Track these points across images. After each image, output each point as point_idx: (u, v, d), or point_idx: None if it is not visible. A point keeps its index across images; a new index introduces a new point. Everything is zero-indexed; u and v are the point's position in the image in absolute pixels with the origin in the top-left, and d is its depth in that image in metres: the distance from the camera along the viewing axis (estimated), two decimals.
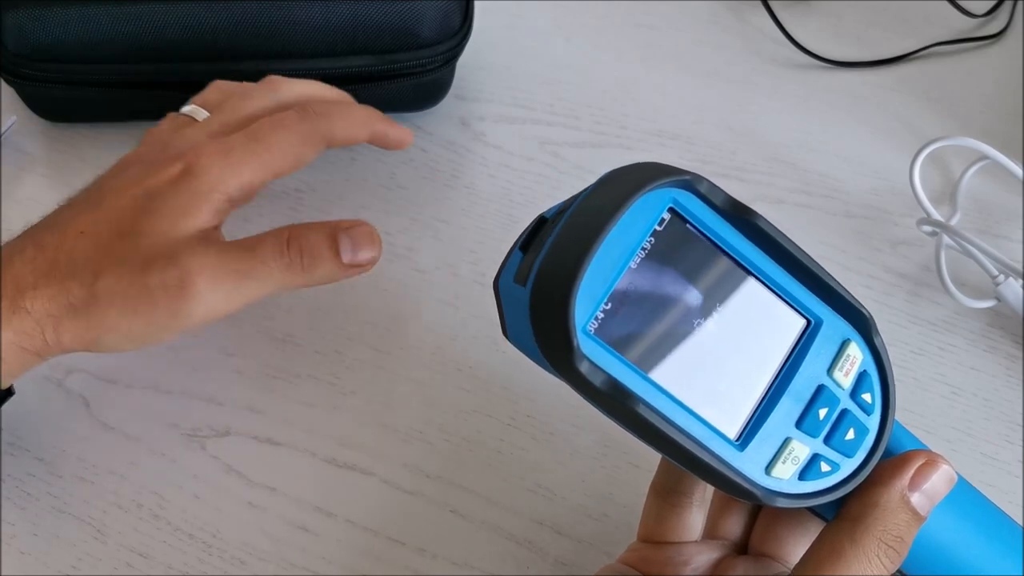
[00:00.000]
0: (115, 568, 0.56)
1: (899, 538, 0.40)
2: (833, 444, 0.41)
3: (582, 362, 0.37)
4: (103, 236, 0.53)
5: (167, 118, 0.62)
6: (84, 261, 0.52)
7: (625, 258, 0.38)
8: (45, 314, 0.52)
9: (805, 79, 0.78)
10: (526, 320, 0.39)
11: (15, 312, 0.51)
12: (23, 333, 0.52)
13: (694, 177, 0.39)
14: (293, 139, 0.58)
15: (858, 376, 0.42)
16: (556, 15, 0.80)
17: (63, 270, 0.52)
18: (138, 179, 0.55)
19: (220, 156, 0.55)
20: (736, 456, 0.40)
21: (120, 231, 0.53)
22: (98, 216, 0.54)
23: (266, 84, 0.62)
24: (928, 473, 0.41)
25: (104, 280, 0.52)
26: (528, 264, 0.39)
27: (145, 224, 0.53)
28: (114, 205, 0.54)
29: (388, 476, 0.59)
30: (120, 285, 0.52)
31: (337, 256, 0.56)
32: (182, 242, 0.53)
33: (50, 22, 0.64)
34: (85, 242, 0.53)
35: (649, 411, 0.38)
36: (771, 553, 0.48)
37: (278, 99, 0.61)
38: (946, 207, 0.70)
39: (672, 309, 0.39)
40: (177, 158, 0.55)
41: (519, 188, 0.71)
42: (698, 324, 0.40)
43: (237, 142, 0.56)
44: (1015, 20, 0.80)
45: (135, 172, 0.56)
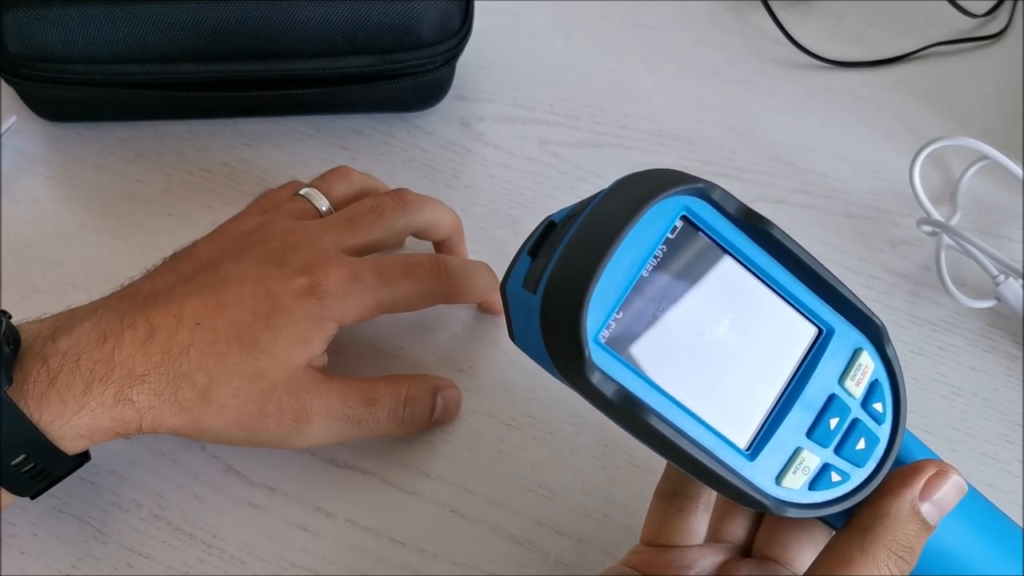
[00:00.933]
0: (115, 568, 0.56)
1: (908, 548, 0.41)
2: (844, 454, 0.41)
3: (593, 373, 0.37)
4: (220, 338, 0.53)
5: (287, 187, 0.64)
6: (199, 361, 0.53)
7: (637, 267, 0.38)
8: (148, 406, 0.52)
9: (805, 79, 0.78)
10: (536, 327, 0.38)
11: (119, 402, 0.51)
12: (122, 420, 0.52)
13: (707, 185, 0.38)
14: (418, 292, 0.59)
15: (869, 385, 0.42)
16: (556, 15, 0.80)
17: (176, 367, 0.52)
18: (260, 276, 0.55)
19: (346, 285, 0.56)
20: (746, 466, 0.40)
21: (240, 339, 0.53)
22: (216, 308, 0.54)
23: (399, 200, 0.61)
24: (939, 483, 0.41)
25: (217, 389, 0.53)
26: (538, 271, 0.39)
27: (265, 340, 0.53)
28: (233, 300, 0.54)
29: (388, 476, 0.59)
30: (234, 400, 0.53)
31: (431, 416, 0.59)
32: (301, 374, 0.55)
33: (50, 22, 0.64)
34: (201, 338, 0.53)
35: (660, 422, 0.38)
36: (775, 557, 0.48)
37: (409, 223, 0.61)
38: (946, 207, 0.70)
39: (683, 318, 0.39)
40: (304, 270, 0.55)
41: (519, 188, 0.71)
42: (709, 333, 0.40)
43: (365, 276, 0.57)
44: (1015, 20, 0.80)
45: (256, 262, 0.56)
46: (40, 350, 0.51)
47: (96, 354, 0.51)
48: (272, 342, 0.54)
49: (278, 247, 0.57)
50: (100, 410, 0.51)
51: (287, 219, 0.60)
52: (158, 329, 0.53)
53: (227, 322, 0.54)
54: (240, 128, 0.72)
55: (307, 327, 0.55)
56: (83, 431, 0.51)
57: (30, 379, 0.50)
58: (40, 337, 0.52)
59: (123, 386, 0.51)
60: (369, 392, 0.57)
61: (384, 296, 0.57)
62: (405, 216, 0.61)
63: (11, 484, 0.51)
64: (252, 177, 0.70)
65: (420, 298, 0.59)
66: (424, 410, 0.58)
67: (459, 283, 0.60)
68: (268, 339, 0.54)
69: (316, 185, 0.63)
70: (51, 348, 0.51)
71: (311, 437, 0.55)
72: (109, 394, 0.51)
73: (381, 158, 0.71)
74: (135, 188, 0.69)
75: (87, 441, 0.52)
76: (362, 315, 0.57)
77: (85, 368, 0.51)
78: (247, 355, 0.53)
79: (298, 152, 0.71)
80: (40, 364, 0.50)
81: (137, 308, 0.54)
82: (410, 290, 0.58)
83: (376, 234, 0.60)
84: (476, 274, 0.62)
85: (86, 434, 0.51)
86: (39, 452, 0.50)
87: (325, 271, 0.55)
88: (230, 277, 0.55)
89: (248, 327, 0.54)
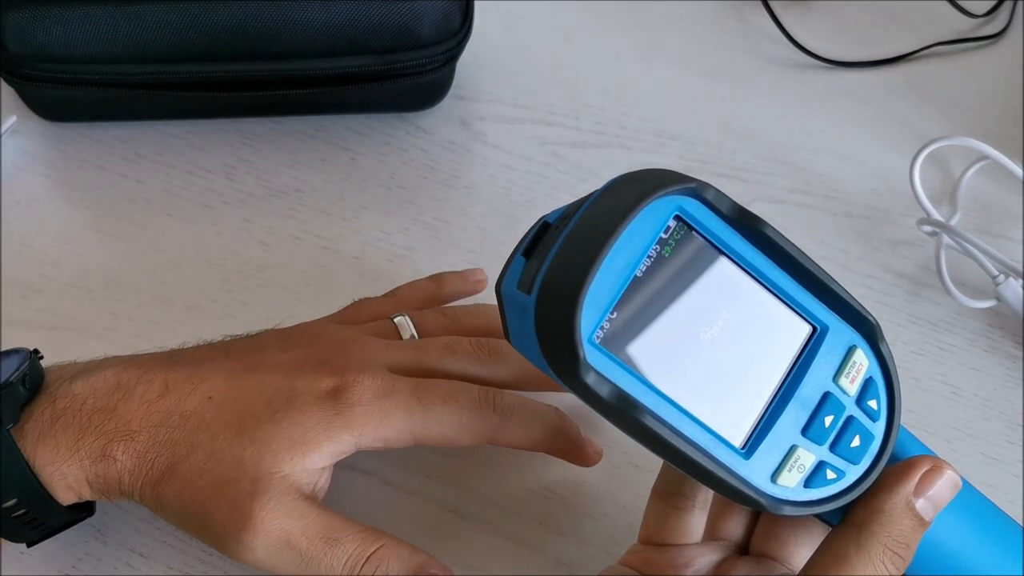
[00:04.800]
0: (115, 568, 0.56)
1: (904, 544, 0.41)
2: (839, 451, 0.41)
3: (588, 373, 0.37)
4: (223, 416, 0.50)
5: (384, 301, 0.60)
6: (191, 434, 0.50)
7: (631, 267, 0.38)
8: (127, 468, 0.49)
9: (805, 79, 0.77)
10: (530, 328, 0.38)
11: (103, 458, 0.49)
12: (102, 478, 0.50)
13: (700, 184, 0.38)
14: (455, 421, 0.52)
15: (864, 383, 0.42)
16: (556, 15, 0.80)
17: (167, 432, 0.50)
18: (294, 369, 0.52)
19: (376, 398, 0.51)
20: (742, 464, 0.40)
21: (239, 424, 0.50)
22: (235, 387, 0.51)
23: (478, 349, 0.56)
24: (933, 479, 0.41)
25: (191, 465, 0.49)
26: (532, 271, 0.39)
27: (263, 432, 0.50)
28: (254, 387, 0.51)
29: (388, 476, 0.59)
30: (199, 481, 0.49)
31: None
32: (278, 480, 0.49)
33: (51, 22, 0.64)
34: (205, 412, 0.50)
35: (655, 421, 0.38)
36: (772, 554, 0.48)
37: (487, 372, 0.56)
38: (946, 207, 0.70)
39: (678, 317, 0.39)
40: (337, 372, 0.51)
41: (519, 188, 0.71)
42: (704, 332, 0.40)
43: (400, 392, 0.51)
44: (1015, 20, 0.80)
45: (297, 357, 0.53)
46: (54, 390, 0.50)
47: (102, 402, 0.50)
48: (268, 436, 0.50)
49: (327, 350, 0.53)
50: (87, 461, 0.49)
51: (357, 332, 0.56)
52: (170, 392, 0.50)
53: (237, 404, 0.50)
54: (240, 128, 0.72)
55: (314, 431, 0.50)
56: (71, 481, 0.49)
57: (33, 418, 0.49)
58: (62, 378, 0.51)
59: (112, 440, 0.49)
60: (335, 530, 0.49)
61: (418, 420, 0.51)
62: (479, 364, 0.56)
63: (5, 529, 0.50)
64: (252, 177, 0.70)
65: (460, 430, 0.52)
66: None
67: (510, 423, 0.53)
68: (266, 432, 0.50)
69: (413, 315, 0.58)
70: (64, 389, 0.50)
71: (250, 553, 0.49)
72: (97, 446, 0.49)
73: (381, 158, 0.71)
74: (135, 188, 0.69)
75: (75, 494, 0.50)
76: (387, 436, 0.51)
77: (86, 414, 0.49)
78: (236, 441, 0.50)
79: (298, 152, 0.71)
80: (48, 403, 0.49)
81: (165, 367, 0.52)
82: (449, 418, 0.52)
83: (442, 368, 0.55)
84: (533, 416, 0.55)
85: (74, 485, 0.50)
86: (32, 498, 0.49)
87: (356, 377, 0.51)
88: (264, 363, 0.52)
89: (253, 415, 0.50)
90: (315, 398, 0.50)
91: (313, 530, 0.49)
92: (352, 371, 0.51)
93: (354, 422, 0.50)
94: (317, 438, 0.50)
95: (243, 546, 0.48)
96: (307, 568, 0.49)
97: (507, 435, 0.53)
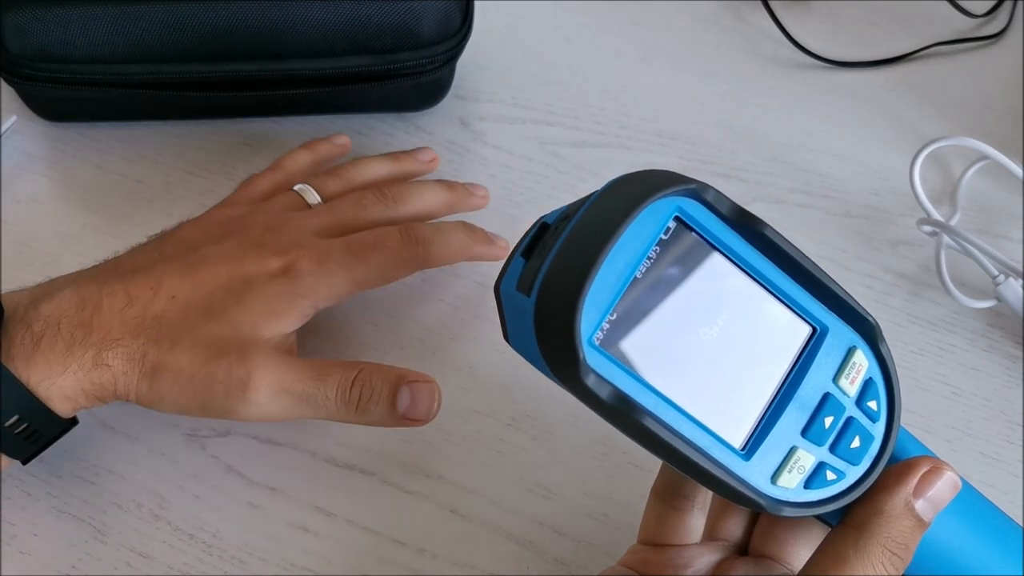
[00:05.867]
0: (115, 568, 0.56)
1: (903, 545, 0.41)
2: (839, 452, 0.41)
3: (588, 375, 0.37)
4: (193, 308, 0.55)
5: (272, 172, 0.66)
6: (168, 330, 0.54)
7: (631, 268, 0.38)
8: (121, 371, 0.54)
9: (805, 79, 0.78)
10: (530, 329, 0.38)
11: (97, 366, 0.53)
12: (100, 385, 0.53)
13: (700, 185, 0.38)
14: (390, 262, 0.60)
15: (864, 384, 0.42)
16: (556, 15, 0.80)
17: (147, 333, 0.54)
18: (237, 258, 0.57)
19: (319, 265, 0.57)
20: (741, 466, 0.40)
21: (209, 311, 0.55)
22: (192, 284, 0.56)
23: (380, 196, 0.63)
24: (933, 480, 0.41)
25: (176, 354, 0.54)
26: (531, 272, 0.39)
27: (234, 313, 0.55)
28: (209, 277, 0.56)
29: (388, 476, 0.59)
30: (190, 365, 0.54)
31: (392, 406, 0.56)
32: (260, 344, 0.55)
33: (50, 22, 0.64)
34: (174, 309, 0.55)
35: (655, 423, 0.38)
36: (772, 555, 0.48)
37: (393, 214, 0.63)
38: (946, 207, 0.70)
39: (678, 319, 0.39)
40: (279, 253, 0.57)
41: (519, 188, 0.71)
42: (704, 333, 0.40)
43: (336, 253, 0.58)
44: (1015, 20, 0.80)
45: (235, 246, 0.58)
46: (23, 316, 0.53)
47: (76, 319, 0.53)
48: (239, 315, 0.55)
49: (258, 233, 0.59)
50: (81, 372, 0.53)
51: (274, 211, 0.61)
52: (135, 299, 0.55)
53: (200, 297, 0.55)
54: (240, 128, 0.72)
55: (278, 304, 0.56)
56: (68, 392, 0.53)
57: (16, 343, 0.52)
58: (22, 305, 0.54)
59: (100, 349, 0.53)
60: (322, 368, 0.56)
61: (358, 273, 0.59)
62: (388, 211, 0.63)
63: (7, 446, 0.53)
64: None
65: (394, 268, 0.60)
66: (379, 396, 0.55)
67: (431, 249, 0.61)
68: (236, 312, 0.55)
69: (309, 182, 0.64)
70: (34, 314, 0.53)
71: (257, 408, 0.54)
72: (88, 357, 0.53)
73: None
74: (135, 188, 0.70)
75: (72, 403, 0.54)
76: (337, 293, 0.58)
77: (66, 332, 0.53)
78: (213, 325, 0.55)
79: None
80: (24, 329, 0.53)
81: (117, 279, 0.56)
82: (383, 262, 0.59)
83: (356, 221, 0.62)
84: (447, 237, 0.62)
85: (71, 396, 0.53)
86: (32, 413, 0.52)
87: (298, 253, 0.57)
88: (208, 258, 0.57)
89: (219, 302, 0.55)
90: (268, 277, 0.56)
91: (303, 373, 0.55)
92: (292, 249, 0.58)
93: (307, 290, 0.57)
94: (282, 308, 0.56)
95: (248, 403, 0.54)
96: (306, 404, 0.55)
97: (433, 259, 0.62)
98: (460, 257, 0.64)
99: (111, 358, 0.53)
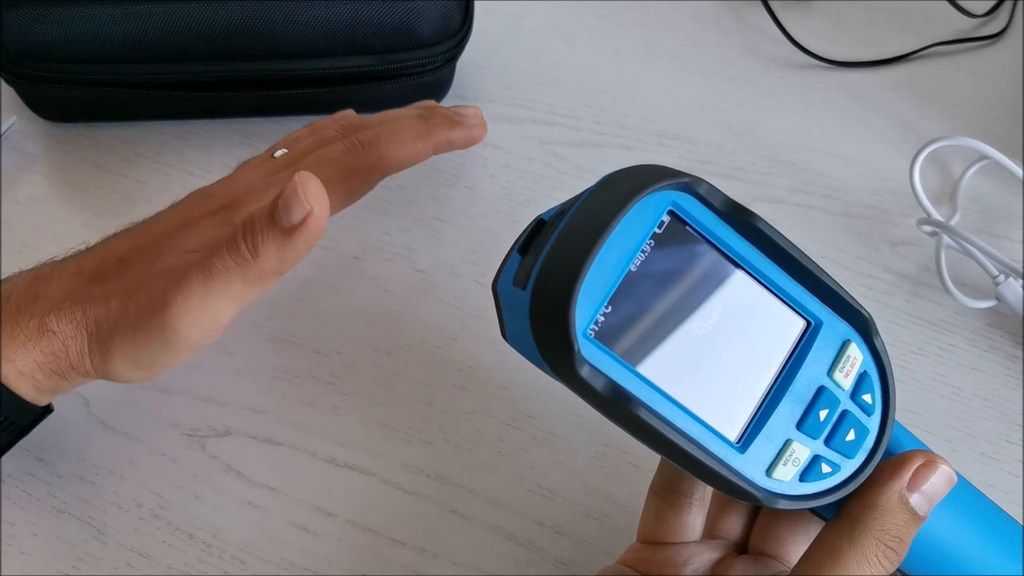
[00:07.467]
0: (115, 568, 0.56)
1: (897, 538, 0.41)
2: (834, 445, 0.41)
3: (583, 367, 0.37)
4: (130, 261, 0.53)
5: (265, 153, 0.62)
6: (107, 283, 0.52)
7: (625, 261, 0.38)
8: (69, 336, 0.51)
9: (805, 79, 0.78)
10: (526, 324, 0.39)
11: (42, 334, 0.51)
12: (50, 354, 0.51)
13: (693, 179, 0.39)
14: (338, 175, 0.56)
15: (858, 377, 0.42)
16: (556, 15, 0.80)
17: (88, 292, 0.52)
18: (184, 211, 0.55)
19: (259, 195, 0.55)
20: (737, 458, 0.40)
21: (148, 258, 0.53)
22: (139, 242, 0.54)
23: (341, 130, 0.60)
24: (927, 473, 0.41)
25: (110, 303, 0.51)
26: (527, 267, 0.39)
27: (168, 247, 0.53)
28: (154, 232, 0.54)
29: (388, 476, 0.59)
30: (124, 307, 0.51)
31: (275, 225, 0.49)
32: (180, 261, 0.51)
33: (50, 22, 0.64)
34: (118, 268, 0.53)
35: (650, 415, 0.38)
36: (771, 552, 0.48)
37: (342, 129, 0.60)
38: (946, 207, 0.70)
39: (672, 312, 0.39)
40: (224, 195, 0.55)
41: (519, 188, 0.71)
42: (698, 326, 0.40)
43: (279, 181, 0.56)
44: (1015, 20, 0.80)
45: (187, 204, 0.56)
46: None
47: (24, 292, 0.52)
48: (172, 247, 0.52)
49: (216, 191, 0.57)
50: (29, 343, 0.51)
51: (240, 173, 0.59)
52: (83, 269, 0.53)
53: (140, 247, 0.53)
54: (240, 128, 0.72)
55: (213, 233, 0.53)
56: (22, 367, 0.51)
57: None
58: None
59: (44, 315, 0.51)
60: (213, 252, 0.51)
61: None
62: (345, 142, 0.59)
63: None
64: None
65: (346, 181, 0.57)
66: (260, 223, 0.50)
67: (381, 148, 0.58)
68: (169, 245, 0.53)
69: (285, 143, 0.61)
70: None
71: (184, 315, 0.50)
72: (32, 325, 0.51)
73: None
74: (135, 188, 0.70)
75: (30, 381, 0.51)
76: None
77: (14, 306, 0.51)
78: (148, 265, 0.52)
79: None
80: None
81: (75, 255, 0.55)
82: (331, 177, 0.55)
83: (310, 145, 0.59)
84: (396, 128, 0.59)
85: (27, 371, 0.51)
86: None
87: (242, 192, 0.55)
88: (160, 219, 0.56)
89: (157, 244, 0.53)
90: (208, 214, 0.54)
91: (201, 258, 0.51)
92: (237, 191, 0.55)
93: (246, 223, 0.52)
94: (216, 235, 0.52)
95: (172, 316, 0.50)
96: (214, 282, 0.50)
97: (388, 159, 0.58)
98: (421, 151, 0.60)
99: (54, 323, 0.51)
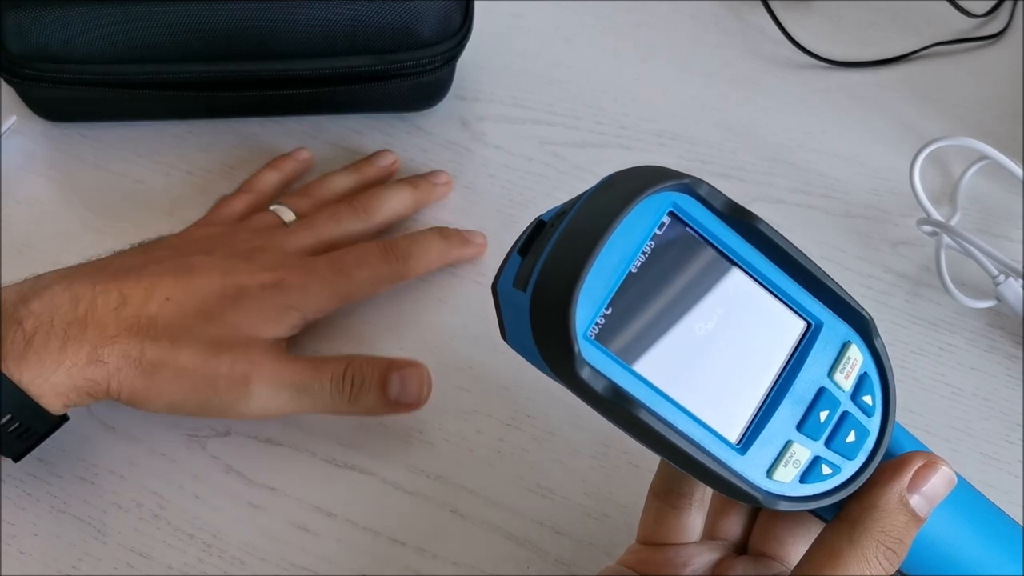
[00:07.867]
0: (115, 568, 0.56)
1: (898, 540, 0.40)
2: (834, 447, 0.41)
3: (583, 368, 0.37)
4: (188, 311, 0.57)
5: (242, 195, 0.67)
6: (165, 328, 0.56)
7: (626, 263, 0.38)
8: (116, 368, 0.54)
9: (805, 79, 0.77)
10: (526, 325, 0.38)
11: (92, 363, 0.54)
12: (94, 381, 0.54)
13: (694, 180, 0.38)
14: (373, 278, 0.63)
15: (859, 378, 0.42)
16: (556, 15, 0.80)
17: (144, 332, 0.55)
18: (228, 268, 0.59)
19: (304, 278, 0.60)
20: (737, 460, 0.40)
21: (205, 313, 0.57)
22: (186, 288, 0.57)
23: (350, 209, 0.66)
24: (927, 475, 0.41)
25: (176, 352, 0.55)
26: (527, 269, 0.39)
27: (230, 315, 0.57)
28: (203, 283, 0.58)
29: (388, 476, 0.59)
30: (191, 361, 0.55)
31: (384, 392, 0.58)
32: (257, 343, 0.57)
33: (50, 22, 0.64)
34: (170, 310, 0.56)
35: (651, 416, 0.38)
36: (771, 553, 0.48)
37: (367, 225, 0.66)
38: (946, 207, 0.70)
39: (673, 313, 0.39)
40: (268, 268, 0.60)
41: (519, 188, 0.71)
42: (699, 328, 0.40)
43: (321, 270, 0.61)
44: (1015, 20, 0.80)
45: (225, 256, 0.60)
46: (12, 313, 0.53)
47: (70, 315, 0.54)
48: (237, 318, 0.57)
49: (245, 249, 0.61)
50: (75, 369, 0.53)
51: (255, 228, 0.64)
52: (129, 298, 0.56)
53: (195, 301, 0.57)
54: (240, 128, 0.72)
55: (272, 311, 0.59)
56: (61, 389, 0.53)
57: (7, 341, 0.52)
58: (9, 302, 0.54)
59: (96, 346, 0.54)
60: (316, 362, 0.58)
61: (342, 287, 0.62)
62: (362, 222, 0.66)
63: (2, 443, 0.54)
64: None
65: (376, 283, 0.64)
66: (370, 382, 0.58)
67: (410, 263, 0.64)
68: (233, 315, 0.57)
69: (282, 201, 0.66)
70: (24, 311, 0.53)
71: (257, 403, 0.56)
72: (83, 354, 0.53)
73: None
74: (135, 188, 0.70)
75: (63, 400, 0.54)
76: (324, 306, 0.61)
77: (59, 329, 0.53)
78: (210, 326, 0.57)
79: None
80: (15, 327, 0.53)
81: (109, 277, 0.56)
82: (365, 277, 0.62)
83: (334, 237, 0.64)
84: (424, 248, 0.65)
85: (63, 392, 0.54)
86: (23, 411, 0.53)
87: (285, 271, 0.60)
88: (199, 265, 0.59)
89: (214, 306, 0.57)
90: (261, 288, 0.59)
91: (299, 366, 0.58)
92: (280, 267, 0.60)
93: (296, 302, 0.60)
94: (275, 315, 0.59)
95: (250, 397, 0.56)
96: (303, 395, 0.57)
97: (412, 271, 0.64)
98: (438, 264, 0.66)
99: (107, 355, 0.54)
